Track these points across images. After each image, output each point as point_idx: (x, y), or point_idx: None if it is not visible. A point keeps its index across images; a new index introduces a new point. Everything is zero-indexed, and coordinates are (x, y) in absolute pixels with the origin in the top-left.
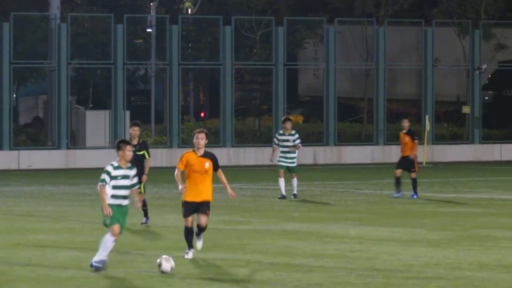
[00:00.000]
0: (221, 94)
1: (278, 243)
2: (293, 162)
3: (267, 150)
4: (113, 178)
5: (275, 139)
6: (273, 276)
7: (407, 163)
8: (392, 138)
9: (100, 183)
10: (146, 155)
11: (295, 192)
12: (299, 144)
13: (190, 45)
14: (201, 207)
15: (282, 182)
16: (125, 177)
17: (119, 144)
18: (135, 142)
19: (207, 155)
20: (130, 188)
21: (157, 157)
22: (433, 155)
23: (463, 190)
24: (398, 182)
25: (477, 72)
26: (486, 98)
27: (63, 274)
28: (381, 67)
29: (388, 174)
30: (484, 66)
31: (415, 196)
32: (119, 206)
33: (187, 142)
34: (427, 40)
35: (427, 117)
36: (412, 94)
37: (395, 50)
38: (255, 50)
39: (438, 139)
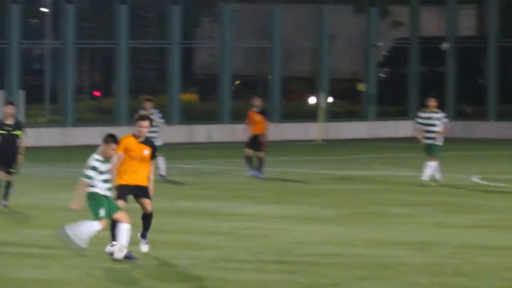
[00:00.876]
0: (116, 73)
1: (172, 221)
2: (156, 142)
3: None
4: (101, 173)
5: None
6: (166, 254)
7: (257, 142)
8: (287, 116)
9: (86, 179)
10: (22, 135)
11: (162, 172)
12: (164, 124)
13: (85, 24)
14: (140, 191)
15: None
16: (108, 171)
17: (108, 137)
18: (10, 121)
19: (147, 142)
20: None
21: (51, 136)
22: (328, 132)
23: (359, 167)
24: (249, 161)
25: (373, 49)
26: (382, 75)
27: None
28: (277, 45)
29: (283, 151)
30: (380, 43)
31: (260, 176)
32: (108, 197)
33: (81, 121)
34: (323, 17)
35: (322, 94)
36: (308, 72)
37: (291, 28)
38: (150, 29)
39: (334, 116)
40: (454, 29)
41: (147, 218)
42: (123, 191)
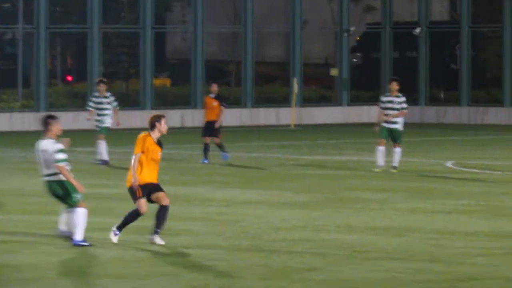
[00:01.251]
0: (89, 57)
1: None
2: (105, 123)
3: (135, 114)
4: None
5: (90, 103)
6: (139, 239)
7: (213, 129)
8: (260, 101)
9: (63, 164)
10: None
11: (103, 158)
12: (117, 108)
13: (57, 8)
14: (154, 187)
15: (102, 145)
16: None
17: (49, 118)
18: None
19: (159, 143)
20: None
21: (24, 121)
22: (301, 117)
23: (332, 152)
24: (206, 149)
25: (345, 34)
26: (355, 60)
27: None
28: (249, 30)
29: (256, 136)
30: (352, 28)
31: (227, 156)
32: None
33: (54, 106)
34: (295, 2)
35: (295, 79)
36: (280, 57)
37: (264, 12)
38: (123, 14)
39: (306, 101)
40: (427, 14)
41: (163, 212)
42: (145, 189)
